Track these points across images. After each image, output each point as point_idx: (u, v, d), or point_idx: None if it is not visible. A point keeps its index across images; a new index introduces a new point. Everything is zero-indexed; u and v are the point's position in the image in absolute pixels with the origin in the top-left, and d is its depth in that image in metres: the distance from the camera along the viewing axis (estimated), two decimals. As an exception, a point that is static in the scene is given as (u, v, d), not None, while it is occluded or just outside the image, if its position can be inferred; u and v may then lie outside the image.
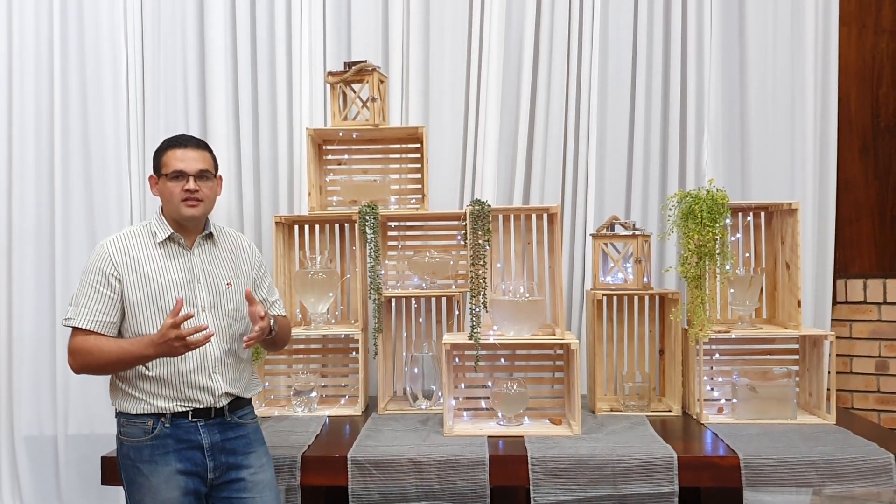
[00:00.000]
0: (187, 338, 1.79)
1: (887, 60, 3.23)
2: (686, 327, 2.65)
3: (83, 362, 1.90)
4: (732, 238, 2.77)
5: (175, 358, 1.89)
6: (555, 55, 3.11)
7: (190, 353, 1.87)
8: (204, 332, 1.81)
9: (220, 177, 2.08)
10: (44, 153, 3.16)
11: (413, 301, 2.93)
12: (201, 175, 1.97)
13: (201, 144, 2.02)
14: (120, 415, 1.96)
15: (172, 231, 1.98)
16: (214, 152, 2.06)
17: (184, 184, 1.95)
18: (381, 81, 2.85)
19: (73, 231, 3.15)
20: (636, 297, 2.83)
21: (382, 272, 2.75)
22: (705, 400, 2.61)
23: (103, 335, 1.91)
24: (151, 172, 2.03)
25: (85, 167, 3.16)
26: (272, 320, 1.99)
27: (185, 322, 1.80)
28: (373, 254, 2.68)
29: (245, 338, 1.90)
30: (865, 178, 3.24)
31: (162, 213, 2.01)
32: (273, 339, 2.05)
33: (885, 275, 3.18)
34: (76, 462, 3.13)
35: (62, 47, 3.13)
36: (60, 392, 3.12)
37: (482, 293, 2.49)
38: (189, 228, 2.01)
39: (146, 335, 1.88)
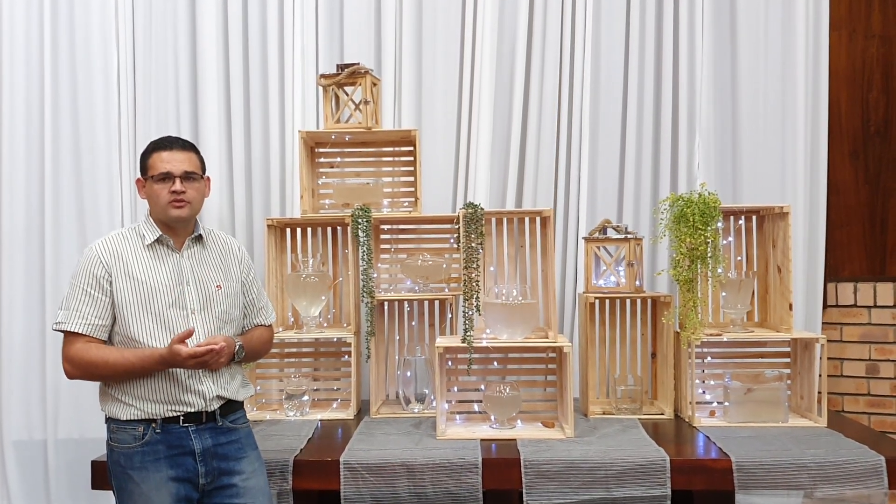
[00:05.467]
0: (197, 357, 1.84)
1: (877, 65, 3.25)
2: (678, 330, 2.65)
3: (86, 372, 1.89)
4: (724, 241, 2.78)
5: None
6: (547, 58, 3.11)
7: None
8: (207, 345, 1.85)
9: (208, 178, 2.07)
10: (34, 156, 3.13)
11: (406, 304, 2.93)
12: (188, 176, 1.96)
13: (187, 145, 2.01)
14: (110, 421, 1.94)
15: (161, 233, 1.97)
16: (203, 153, 2.05)
17: (170, 185, 1.94)
18: (374, 84, 2.84)
19: (64, 234, 3.12)
20: (628, 301, 2.83)
21: (375, 275, 2.75)
22: (697, 403, 2.62)
23: (102, 342, 1.91)
24: (139, 175, 2.02)
25: (75, 170, 3.13)
26: (238, 345, 1.98)
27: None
28: (365, 257, 2.67)
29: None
30: (856, 182, 3.26)
31: (150, 216, 2.00)
32: (243, 358, 2.05)
33: (876, 278, 3.20)
34: (66, 466, 3.11)
35: (53, 49, 3.11)
36: (50, 396, 3.09)
37: (475, 296, 2.49)
38: (178, 230, 2.00)
39: (153, 350, 1.87)
